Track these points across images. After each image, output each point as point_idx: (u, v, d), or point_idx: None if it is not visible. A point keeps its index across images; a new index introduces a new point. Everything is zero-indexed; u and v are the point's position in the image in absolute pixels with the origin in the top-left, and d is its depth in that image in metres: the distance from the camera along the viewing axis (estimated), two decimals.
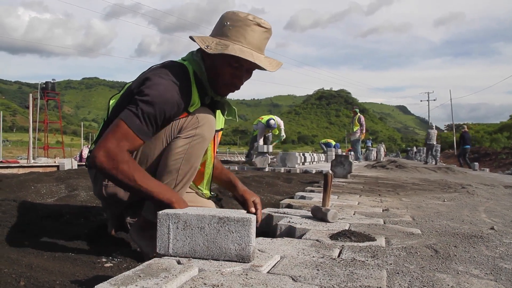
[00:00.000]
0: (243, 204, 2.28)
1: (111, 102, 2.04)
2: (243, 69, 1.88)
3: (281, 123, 13.63)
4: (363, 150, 17.45)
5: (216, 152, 2.30)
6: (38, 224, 2.40)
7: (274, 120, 13.24)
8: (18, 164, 10.03)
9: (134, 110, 1.73)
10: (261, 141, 12.97)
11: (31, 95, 14.99)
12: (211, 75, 1.92)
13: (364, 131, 17.82)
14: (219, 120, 2.19)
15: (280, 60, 1.87)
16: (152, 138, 1.85)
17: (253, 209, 2.19)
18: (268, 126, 13.23)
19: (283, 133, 13.87)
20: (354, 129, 17.36)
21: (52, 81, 32.98)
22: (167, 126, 1.85)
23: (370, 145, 17.53)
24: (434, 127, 22.43)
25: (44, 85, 31.66)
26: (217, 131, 2.16)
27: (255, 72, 1.99)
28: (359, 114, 17.66)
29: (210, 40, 1.84)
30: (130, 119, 1.72)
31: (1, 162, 11.90)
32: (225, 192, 4.14)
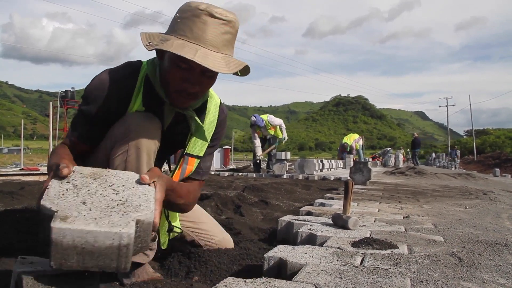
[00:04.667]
0: None
1: None
2: (194, 71, 1.52)
3: (276, 121, 11.40)
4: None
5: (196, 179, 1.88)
6: None
7: (255, 117, 11.14)
8: (39, 172, 10.18)
9: (77, 111, 1.70)
10: (257, 142, 11.31)
11: (51, 103, 15.24)
12: (162, 80, 1.63)
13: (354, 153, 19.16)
14: (196, 145, 1.81)
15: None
16: (96, 148, 1.71)
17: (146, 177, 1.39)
18: (252, 125, 11.26)
19: (284, 135, 11.63)
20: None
21: (71, 90, 33.46)
22: (105, 138, 1.67)
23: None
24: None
25: (63, 94, 32.14)
26: (189, 155, 1.80)
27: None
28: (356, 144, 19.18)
29: (156, 37, 1.51)
30: (72, 120, 1.71)
31: (22, 169, 12.08)
32: (244, 200, 4.14)
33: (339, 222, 2.38)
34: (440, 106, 62.36)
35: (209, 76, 1.57)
